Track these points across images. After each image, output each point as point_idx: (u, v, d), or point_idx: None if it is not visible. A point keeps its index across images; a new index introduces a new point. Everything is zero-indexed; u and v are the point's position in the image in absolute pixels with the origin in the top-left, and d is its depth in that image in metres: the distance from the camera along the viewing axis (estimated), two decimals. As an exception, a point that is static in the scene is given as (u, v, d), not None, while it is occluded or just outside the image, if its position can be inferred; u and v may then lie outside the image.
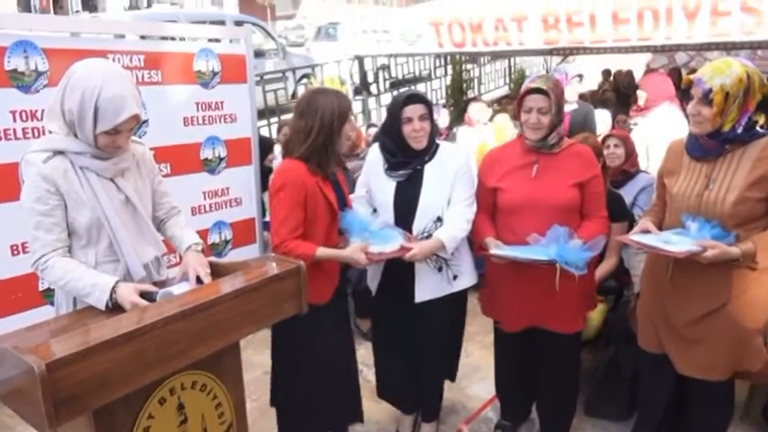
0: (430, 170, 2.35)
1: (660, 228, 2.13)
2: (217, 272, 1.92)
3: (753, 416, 2.71)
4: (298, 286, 1.86)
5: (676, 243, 1.94)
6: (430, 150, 2.36)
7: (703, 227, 1.94)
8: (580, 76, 3.75)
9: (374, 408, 2.92)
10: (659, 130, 3.58)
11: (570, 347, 2.45)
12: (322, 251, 2.16)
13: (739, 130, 1.93)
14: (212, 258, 2.13)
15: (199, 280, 1.85)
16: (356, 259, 2.18)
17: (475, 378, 3.20)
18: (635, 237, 2.09)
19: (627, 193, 3.08)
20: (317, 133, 2.12)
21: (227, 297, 1.67)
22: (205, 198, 3.40)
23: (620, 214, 2.74)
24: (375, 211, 2.43)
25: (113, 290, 1.70)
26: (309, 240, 2.16)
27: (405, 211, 2.34)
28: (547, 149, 2.28)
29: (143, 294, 1.73)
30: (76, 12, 19.20)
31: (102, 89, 1.68)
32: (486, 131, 5.04)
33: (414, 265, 2.33)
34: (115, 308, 1.70)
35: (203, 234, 3.40)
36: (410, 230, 2.32)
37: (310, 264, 2.04)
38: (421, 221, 2.33)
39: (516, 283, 2.34)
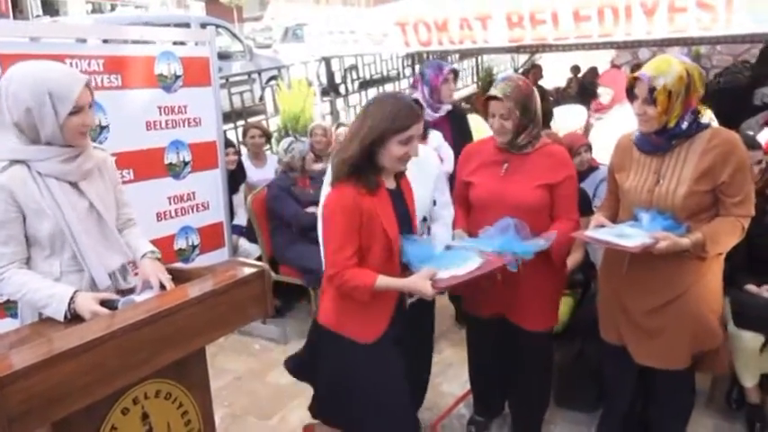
0: (410, 171, 2.30)
1: (614, 222, 2.17)
2: (181, 278, 1.89)
3: (716, 402, 2.78)
4: (262, 290, 1.85)
5: (630, 235, 1.98)
6: None
7: (655, 218, 1.99)
8: (455, 72, 3.56)
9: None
10: (626, 125, 3.64)
11: (541, 343, 2.47)
12: (382, 281, 1.87)
13: (684, 126, 1.99)
14: (177, 264, 2.11)
15: (162, 286, 1.83)
16: (419, 288, 1.85)
17: (447, 375, 3.21)
18: (589, 233, 2.11)
19: (588, 186, 3.14)
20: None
21: (189, 303, 1.65)
22: (170, 203, 3.35)
23: (586, 209, 2.77)
24: None
25: (72, 300, 1.66)
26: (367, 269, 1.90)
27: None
28: (517, 150, 2.29)
29: (104, 303, 1.70)
30: (37, 16, 18.76)
31: (47, 76, 1.69)
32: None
33: None
34: (75, 318, 1.67)
35: (169, 240, 3.35)
36: None
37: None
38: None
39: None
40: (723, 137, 1.98)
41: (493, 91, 2.26)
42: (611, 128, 3.72)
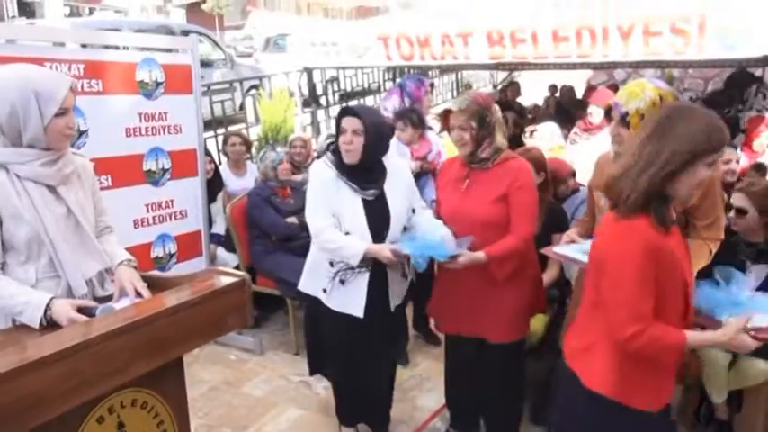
0: (387, 184, 2.40)
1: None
2: (159, 286, 1.87)
3: (686, 417, 2.83)
4: (242, 299, 1.84)
5: None
6: (382, 166, 2.39)
7: None
8: (432, 84, 3.81)
9: (321, 419, 2.91)
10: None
11: (510, 356, 2.49)
12: (693, 336, 1.55)
13: None
14: (155, 272, 2.08)
15: (139, 294, 1.81)
16: (740, 343, 1.54)
17: (423, 389, 3.22)
18: (556, 249, 2.18)
19: (567, 207, 3.19)
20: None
21: (167, 312, 1.64)
22: (148, 211, 3.31)
23: (563, 226, 2.82)
24: (346, 233, 2.37)
25: (48, 307, 1.64)
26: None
27: (378, 228, 2.36)
28: (477, 164, 2.35)
29: (82, 310, 1.68)
30: (12, 17, 18.47)
31: (33, 76, 1.68)
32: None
33: (388, 275, 2.40)
34: (51, 325, 1.64)
35: (146, 248, 3.31)
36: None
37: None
38: (393, 234, 2.38)
39: (457, 287, 2.41)
40: None
41: (450, 105, 2.37)
42: (598, 149, 3.76)
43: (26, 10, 19.91)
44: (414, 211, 2.48)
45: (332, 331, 2.50)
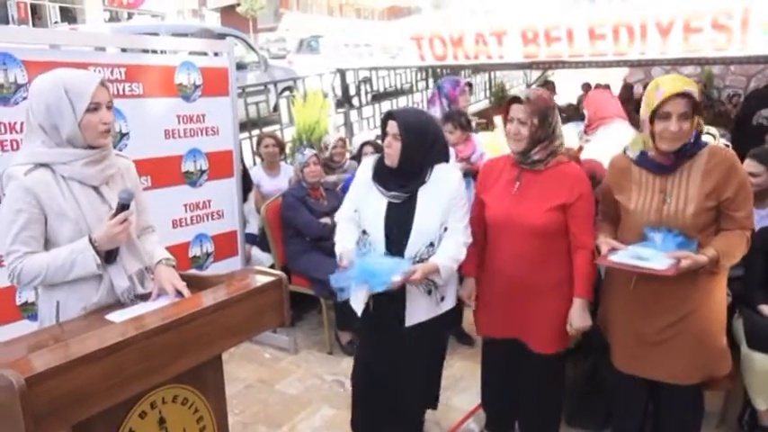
0: (423, 193, 2.29)
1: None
2: (198, 284, 1.92)
3: (728, 423, 2.76)
4: (279, 298, 1.87)
5: (648, 257, 1.98)
6: (421, 173, 2.30)
7: (667, 237, 2.01)
8: (469, 84, 3.76)
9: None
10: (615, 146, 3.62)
11: (552, 364, 2.44)
12: None
13: (692, 140, 2.02)
14: (193, 271, 2.13)
15: (179, 293, 1.85)
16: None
17: (457, 389, 3.21)
18: (613, 258, 2.06)
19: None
20: None
21: (208, 310, 1.68)
22: (186, 211, 3.39)
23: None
24: (364, 232, 2.33)
25: (92, 242, 1.73)
26: None
27: (396, 234, 2.27)
28: (529, 165, 2.26)
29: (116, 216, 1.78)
30: (55, 23, 19.05)
31: (63, 75, 1.77)
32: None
33: (405, 288, 2.26)
34: (107, 261, 1.78)
35: (184, 247, 3.39)
36: (402, 255, 2.24)
37: None
38: (414, 247, 2.25)
39: (503, 297, 2.38)
40: (722, 155, 2.03)
41: (517, 92, 2.28)
42: (593, 150, 3.68)
43: (68, 16, 20.51)
44: (446, 229, 2.30)
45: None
